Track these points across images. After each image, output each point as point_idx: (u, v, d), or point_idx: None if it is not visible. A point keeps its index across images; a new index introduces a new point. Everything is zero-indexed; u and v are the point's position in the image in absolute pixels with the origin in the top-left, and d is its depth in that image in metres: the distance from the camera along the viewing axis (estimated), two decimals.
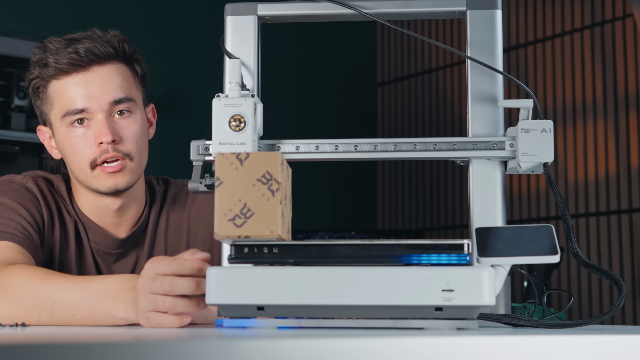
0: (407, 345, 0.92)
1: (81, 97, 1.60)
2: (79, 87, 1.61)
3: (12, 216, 1.59)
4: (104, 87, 1.61)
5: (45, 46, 1.63)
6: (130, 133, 1.63)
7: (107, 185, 1.62)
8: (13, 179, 1.67)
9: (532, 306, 1.83)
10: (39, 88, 1.65)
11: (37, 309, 1.35)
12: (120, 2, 4.10)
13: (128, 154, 1.62)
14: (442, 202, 4.65)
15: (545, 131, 1.35)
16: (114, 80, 1.62)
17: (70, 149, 1.63)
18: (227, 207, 1.15)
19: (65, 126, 1.62)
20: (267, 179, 1.16)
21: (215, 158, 1.18)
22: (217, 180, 1.15)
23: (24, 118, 3.70)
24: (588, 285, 3.92)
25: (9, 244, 1.54)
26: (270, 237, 1.16)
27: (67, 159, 1.65)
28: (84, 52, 1.60)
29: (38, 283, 1.37)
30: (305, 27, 4.55)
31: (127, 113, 1.63)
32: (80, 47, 1.60)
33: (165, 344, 0.83)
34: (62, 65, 1.60)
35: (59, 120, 1.63)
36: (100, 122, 1.60)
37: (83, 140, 1.61)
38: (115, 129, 1.61)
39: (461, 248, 1.16)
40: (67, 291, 1.34)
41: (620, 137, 3.86)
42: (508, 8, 4.33)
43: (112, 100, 1.61)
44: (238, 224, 1.15)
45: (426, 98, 4.77)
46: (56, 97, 1.62)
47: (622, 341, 1.06)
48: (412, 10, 1.45)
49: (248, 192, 1.16)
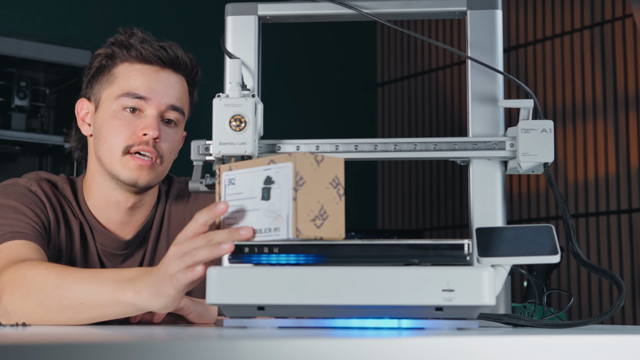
0: (407, 345, 0.92)
1: (147, 87, 1.64)
2: (148, 78, 1.64)
3: (20, 217, 1.59)
4: (169, 90, 1.66)
5: (132, 32, 1.68)
6: (171, 141, 1.67)
7: (131, 175, 1.63)
8: (17, 182, 1.67)
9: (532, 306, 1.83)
10: (105, 67, 1.67)
11: (47, 298, 1.34)
12: (120, 2, 4.10)
13: (162, 156, 1.65)
14: (442, 202, 4.65)
15: (545, 131, 1.35)
16: (178, 89, 1.68)
17: (111, 127, 1.64)
18: (309, 207, 1.15)
19: (117, 106, 1.64)
20: (336, 183, 1.19)
21: (294, 156, 1.15)
22: (301, 180, 1.15)
23: (24, 118, 3.70)
24: (588, 285, 3.92)
25: (22, 242, 1.54)
26: (339, 239, 1.18)
27: (102, 137, 1.65)
28: (171, 53, 1.66)
29: (52, 275, 1.36)
30: (305, 27, 4.55)
31: (173, 124, 1.67)
32: (168, 48, 1.67)
33: (165, 344, 0.83)
34: (147, 53, 1.65)
35: (112, 99, 1.65)
36: (152, 116, 1.63)
37: (128, 125, 1.63)
38: (161, 129, 1.64)
39: (461, 248, 1.16)
40: (80, 280, 1.33)
41: (620, 137, 3.86)
42: (508, 8, 4.33)
43: (171, 104, 1.65)
44: (318, 224, 1.16)
45: (426, 98, 4.77)
46: (121, 77, 1.65)
47: (622, 341, 1.06)
48: (412, 10, 1.45)
49: (324, 195, 1.17)
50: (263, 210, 1.17)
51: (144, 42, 1.66)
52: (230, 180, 1.22)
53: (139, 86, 1.64)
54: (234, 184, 1.21)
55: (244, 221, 1.19)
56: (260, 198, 1.18)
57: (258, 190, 1.18)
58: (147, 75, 1.65)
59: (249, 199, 1.19)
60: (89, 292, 1.31)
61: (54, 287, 1.34)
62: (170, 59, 1.66)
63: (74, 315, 1.33)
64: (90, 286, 1.32)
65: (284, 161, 1.16)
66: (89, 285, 1.32)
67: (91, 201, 1.69)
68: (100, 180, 1.67)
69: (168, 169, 1.69)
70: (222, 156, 1.37)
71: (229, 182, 1.22)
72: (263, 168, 1.18)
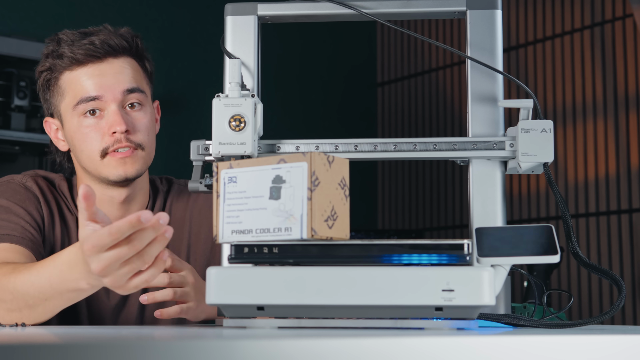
0: (407, 345, 0.92)
1: (95, 86, 1.62)
2: (93, 77, 1.62)
3: (10, 217, 1.59)
4: (118, 77, 1.63)
5: (59, 38, 1.65)
6: (142, 125, 1.64)
7: (118, 173, 1.62)
8: (13, 179, 1.67)
9: (532, 306, 1.83)
10: (50, 80, 1.66)
11: (14, 304, 1.34)
12: (120, 2, 4.10)
13: (140, 144, 1.64)
14: (442, 202, 4.65)
15: (545, 131, 1.35)
16: (127, 72, 1.64)
17: (81, 139, 1.63)
18: (322, 207, 1.16)
19: (76, 116, 1.63)
20: (343, 185, 1.19)
21: (310, 157, 1.15)
22: (316, 180, 1.15)
23: (24, 118, 3.70)
24: (588, 285, 3.92)
25: (7, 245, 1.54)
26: (345, 239, 1.18)
27: (77, 149, 1.65)
28: (100, 44, 1.62)
29: (5, 280, 1.35)
30: (305, 27, 4.55)
31: (138, 106, 1.65)
32: (96, 39, 1.63)
33: (165, 344, 0.83)
34: (77, 56, 1.62)
35: (70, 111, 1.64)
36: (114, 112, 1.61)
37: (95, 130, 1.62)
38: (128, 120, 1.63)
39: (461, 248, 1.16)
40: (30, 282, 1.32)
41: (620, 137, 3.86)
42: (508, 8, 4.33)
43: (125, 89, 1.63)
44: (330, 225, 1.16)
45: (426, 98, 4.77)
46: (68, 87, 1.64)
47: (622, 341, 1.06)
48: (412, 10, 1.45)
49: (334, 195, 1.17)
50: (272, 210, 1.17)
51: (73, 45, 1.63)
52: (231, 178, 1.21)
53: (87, 88, 1.62)
54: (235, 182, 1.21)
55: (248, 220, 1.19)
56: (268, 197, 1.17)
57: (265, 189, 1.18)
58: (90, 74, 1.63)
59: (253, 197, 1.19)
60: (47, 292, 1.30)
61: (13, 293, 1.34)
62: (103, 48, 1.62)
63: (48, 311, 1.34)
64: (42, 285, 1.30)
65: (297, 161, 1.16)
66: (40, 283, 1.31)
67: None
68: (89, 182, 1.67)
69: (153, 150, 1.68)
70: (221, 156, 1.37)
71: (229, 180, 1.21)
72: (272, 167, 1.18)
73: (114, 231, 1.11)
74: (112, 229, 1.11)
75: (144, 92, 1.67)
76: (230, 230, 1.20)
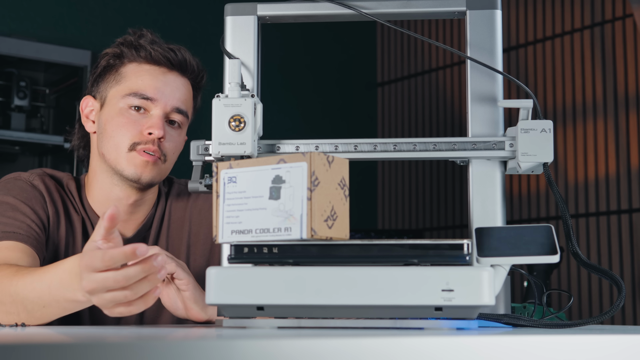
0: (407, 345, 0.92)
1: (154, 87, 1.65)
2: (156, 79, 1.66)
3: (16, 215, 1.59)
4: (175, 92, 1.68)
5: (142, 33, 1.70)
6: (174, 142, 1.68)
7: (135, 171, 1.63)
8: (19, 176, 1.67)
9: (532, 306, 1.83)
10: (113, 66, 1.68)
11: (13, 307, 1.34)
12: (120, 2, 4.10)
13: (165, 155, 1.66)
14: (442, 202, 4.65)
15: (545, 131, 1.35)
16: (184, 92, 1.70)
17: (117, 125, 1.65)
18: (322, 207, 1.16)
19: (123, 104, 1.65)
20: (343, 184, 1.19)
21: (310, 157, 1.15)
22: (316, 180, 1.15)
23: (24, 118, 3.70)
24: (588, 285, 3.92)
25: (12, 243, 1.54)
26: (345, 239, 1.18)
27: (107, 133, 1.66)
28: (179, 55, 1.69)
29: (7, 282, 1.35)
30: (305, 27, 4.55)
31: (177, 125, 1.69)
32: (177, 50, 1.69)
33: (165, 344, 0.83)
34: (156, 54, 1.67)
35: (118, 97, 1.66)
36: (158, 116, 1.65)
37: (134, 124, 1.64)
38: (166, 130, 1.66)
39: (461, 248, 1.16)
40: (31, 286, 1.32)
41: (620, 137, 3.86)
42: (508, 8, 4.33)
43: (176, 107, 1.67)
44: (329, 225, 1.16)
45: (426, 98, 4.77)
46: (128, 77, 1.67)
47: (622, 341, 1.06)
48: (412, 10, 1.45)
49: (334, 195, 1.18)
50: (271, 210, 1.17)
51: (153, 44, 1.68)
52: (231, 178, 1.21)
53: (146, 86, 1.65)
54: (235, 182, 1.21)
55: (248, 220, 1.19)
56: (268, 197, 1.17)
57: (265, 189, 1.18)
58: (155, 76, 1.67)
59: (253, 197, 1.19)
60: (45, 298, 1.30)
61: (13, 296, 1.34)
62: (179, 61, 1.68)
63: (45, 317, 1.34)
64: (42, 291, 1.30)
65: (297, 161, 1.16)
66: (40, 289, 1.31)
67: (92, 198, 1.70)
68: (102, 177, 1.68)
69: (170, 168, 1.71)
70: (221, 156, 1.37)
71: (229, 180, 1.21)
72: (271, 167, 1.18)
73: (107, 258, 1.13)
74: (105, 255, 1.13)
75: (188, 117, 1.71)
76: (230, 231, 1.20)
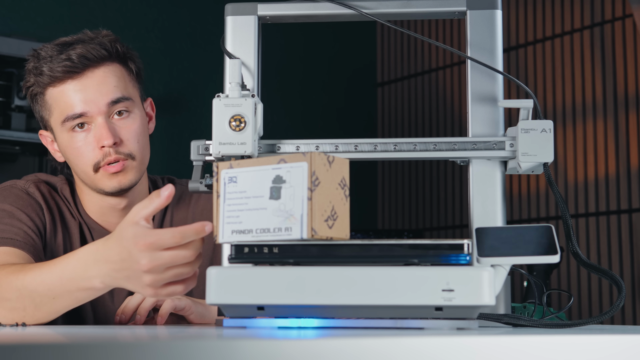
0: (407, 345, 0.92)
1: (79, 101, 1.60)
2: (75, 93, 1.61)
3: (13, 222, 1.59)
4: (101, 89, 1.61)
5: (38, 54, 1.63)
6: (131, 133, 1.63)
7: (112, 185, 1.63)
8: (15, 184, 1.67)
9: (532, 306, 1.83)
10: (37, 95, 1.65)
11: (19, 302, 1.33)
12: (120, 2, 4.10)
13: (130, 154, 1.63)
14: (442, 202, 4.65)
15: (545, 131, 1.35)
16: (109, 81, 1.62)
17: (73, 154, 1.63)
18: (322, 207, 1.15)
19: (66, 131, 1.63)
20: (344, 184, 1.19)
21: (310, 157, 1.15)
22: (317, 180, 1.15)
23: (24, 118, 3.70)
24: (588, 285, 3.92)
25: (9, 249, 1.54)
26: (345, 239, 1.18)
27: (71, 162, 1.66)
28: (77, 58, 1.60)
29: (13, 277, 1.35)
30: (305, 27, 4.55)
31: (125, 113, 1.64)
32: (73, 53, 1.60)
33: (165, 344, 0.83)
34: (56, 74, 1.60)
35: (59, 126, 1.63)
36: (100, 125, 1.60)
37: (85, 145, 1.62)
38: (115, 131, 1.62)
39: (461, 248, 1.16)
40: (40, 278, 1.32)
41: (620, 137, 3.86)
42: (508, 8, 4.33)
43: (110, 101, 1.62)
44: (330, 225, 1.16)
45: (426, 98, 4.77)
46: (54, 103, 1.63)
47: (622, 341, 1.06)
48: (412, 10, 1.45)
49: (334, 195, 1.17)
50: (272, 210, 1.17)
51: (51, 61, 1.60)
52: (231, 178, 1.21)
53: (72, 104, 1.61)
54: (235, 182, 1.21)
55: (248, 220, 1.19)
56: (269, 197, 1.17)
57: (265, 189, 1.18)
58: (73, 90, 1.61)
59: (254, 197, 1.18)
60: (56, 289, 1.30)
61: (20, 289, 1.33)
62: (81, 63, 1.60)
63: (54, 310, 1.33)
64: (53, 282, 1.30)
65: (297, 160, 1.15)
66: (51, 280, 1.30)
67: (86, 206, 1.70)
68: (87, 191, 1.69)
69: (147, 155, 1.68)
70: (221, 156, 1.37)
71: (230, 180, 1.21)
72: (272, 167, 1.18)
73: (177, 234, 1.16)
74: (175, 232, 1.16)
75: (130, 98, 1.65)
76: (231, 230, 1.20)
